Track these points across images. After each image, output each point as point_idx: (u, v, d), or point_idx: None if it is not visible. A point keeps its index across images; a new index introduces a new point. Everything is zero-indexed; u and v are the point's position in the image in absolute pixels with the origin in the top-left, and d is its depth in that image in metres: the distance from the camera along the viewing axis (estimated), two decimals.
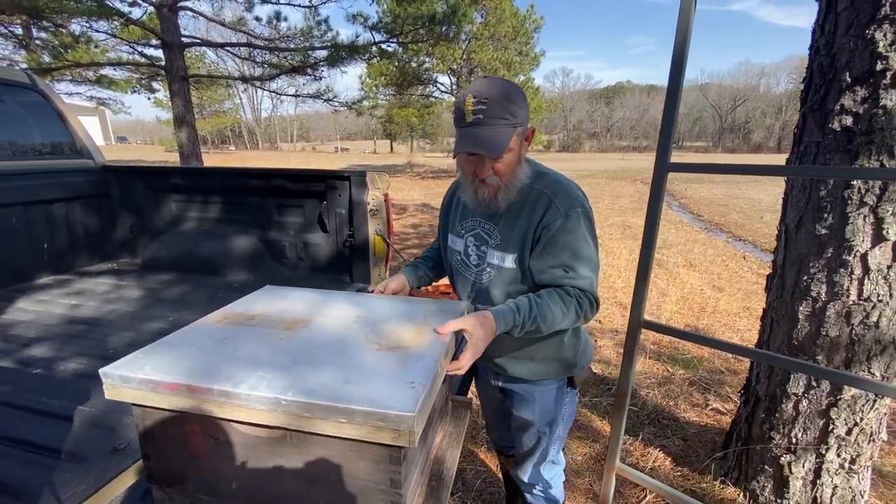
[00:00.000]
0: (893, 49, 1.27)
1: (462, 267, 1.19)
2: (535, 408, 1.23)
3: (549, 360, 1.18)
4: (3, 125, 2.30)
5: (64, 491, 0.90)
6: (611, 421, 1.07)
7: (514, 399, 1.27)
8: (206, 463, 0.79)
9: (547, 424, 1.24)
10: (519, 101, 0.98)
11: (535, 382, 1.21)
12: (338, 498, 0.74)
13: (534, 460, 1.32)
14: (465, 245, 1.17)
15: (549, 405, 1.23)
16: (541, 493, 1.35)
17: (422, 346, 0.84)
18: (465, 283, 1.19)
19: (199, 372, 0.74)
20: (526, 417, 1.25)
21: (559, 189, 1.04)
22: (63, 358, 1.48)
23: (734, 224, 9.63)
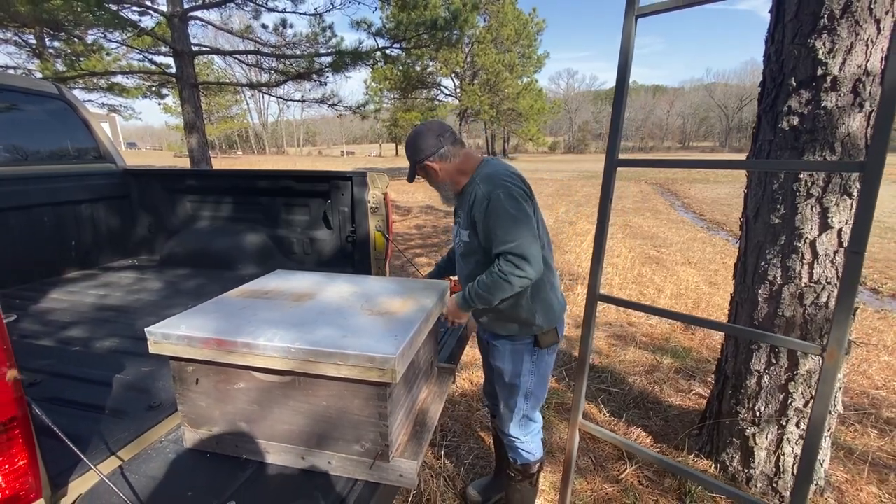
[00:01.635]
0: (832, 56, 1.43)
1: (456, 243, 1.58)
2: (506, 360, 1.47)
3: (508, 319, 1.43)
4: (34, 132, 2.51)
5: (110, 438, 1.07)
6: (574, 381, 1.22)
7: (492, 351, 1.53)
8: (229, 406, 0.97)
9: (516, 376, 1.47)
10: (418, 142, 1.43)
11: (505, 338, 1.47)
12: (337, 431, 0.91)
13: (511, 414, 1.52)
14: (456, 228, 1.58)
15: (517, 359, 1.46)
16: (519, 446, 1.54)
17: (405, 312, 1.02)
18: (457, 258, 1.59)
19: (225, 330, 0.92)
20: (499, 366, 1.50)
21: (485, 179, 1.36)
22: (97, 338, 1.66)
23: (735, 223, 9.71)
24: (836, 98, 1.45)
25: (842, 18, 1.40)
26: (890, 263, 6.67)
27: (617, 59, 1.07)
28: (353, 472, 0.92)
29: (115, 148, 2.86)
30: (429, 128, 1.44)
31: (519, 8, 18.49)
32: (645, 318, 4.04)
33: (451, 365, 1.39)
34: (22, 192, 2.33)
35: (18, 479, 0.81)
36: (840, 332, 0.82)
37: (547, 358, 1.47)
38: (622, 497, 1.90)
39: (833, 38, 1.42)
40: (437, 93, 21.03)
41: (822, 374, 0.84)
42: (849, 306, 0.81)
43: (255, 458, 0.98)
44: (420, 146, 1.42)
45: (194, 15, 7.85)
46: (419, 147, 1.42)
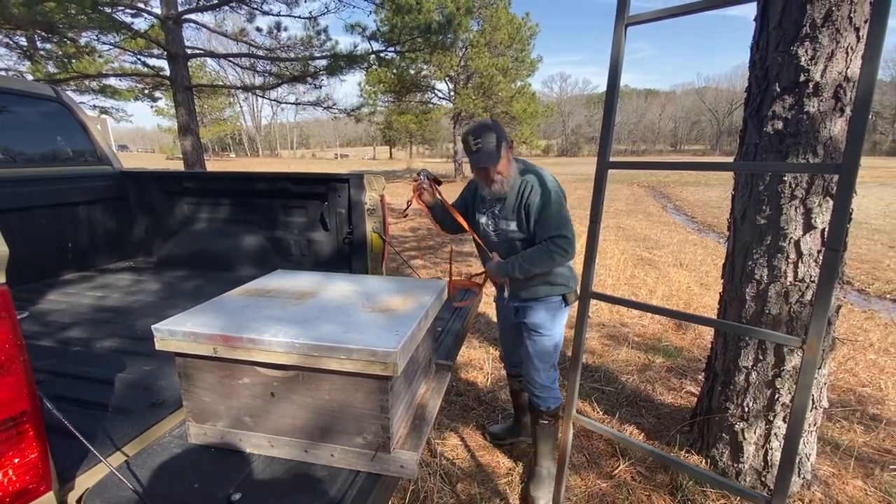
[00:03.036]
0: (813, 63, 1.49)
1: (485, 234, 1.82)
2: (541, 316, 1.77)
3: (545, 283, 1.73)
4: (32, 135, 2.52)
5: (115, 434, 1.09)
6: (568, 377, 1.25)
7: (526, 313, 1.81)
8: (234, 401, 0.99)
9: (550, 329, 1.77)
10: (495, 127, 1.61)
11: (539, 299, 1.76)
12: (340, 424, 0.94)
13: (544, 365, 1.80)
14: (486, 220, 1.80)
15: (551, 314, 1.77)
16: (549, 395, 1.81)
17: (406, 309, 1.05)
18: (489, 242, 1.81)
19: (230, 326, 0.95)
20: (535, 322, 1.77)
21: (538, 176, 1.65)
22: (97, 338, 1.68)
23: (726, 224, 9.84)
24: (818, 103, 1.50)
25: (823, 27, 1.45)
26: (877, 264, 6.79)
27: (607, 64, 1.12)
28: (355, 464, 0.95)
29: (111, 150, 2.87)
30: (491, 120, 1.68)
31: (512, 12, 18.62)
32: (637, 318, 4.09)
33: (449, 362, 1.42)
34: (19, 194, 2.34)
35: (29, 472, 0.83)
36: (818, 326, 0.87)
37: (569, 312, 1.82)
38: (615, 492, 1.94)
39: (815, 46, 1.47)
40: (432, 96, 21.08)
41: (802, 366, 0.88)
42: (826, 301, 0.86)
43: (259, 451, 1.00)
44: (502, 130, 1.61)
45: (188, 18, 7.85)
46: (502, 131, 1.61)
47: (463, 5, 9.67)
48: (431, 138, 35.66)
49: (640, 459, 2.13)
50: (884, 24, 0.80)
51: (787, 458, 0.91)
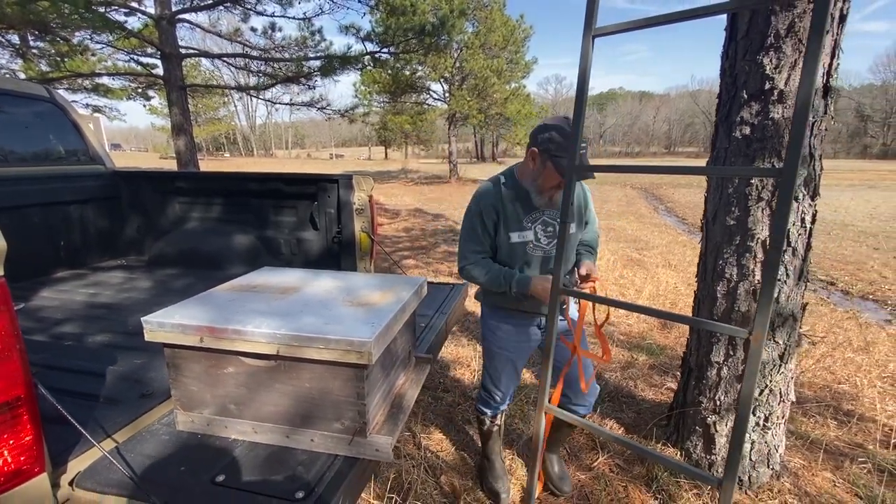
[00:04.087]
0: (778, 71, 1.56)
1: (534, 249, 1.58)
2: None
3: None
4: (25, 134, 2.55)
5: (106, 422, 1.14)
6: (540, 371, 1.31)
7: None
8: (219, 390, 1.05)
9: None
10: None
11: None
12: (319, 411, 1.00)
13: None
14: (535, 233, 1.57)
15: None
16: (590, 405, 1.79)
17: (383, 303, 1.11)
18: (536, 260, 1.59)
19: (216, 318, 1.00)
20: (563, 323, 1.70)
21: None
22: (89, 334, 1.72)
23: None
24: (783, 110, 1.58)
25: (786, 37, 1.53)
26: (861, 266, 6.93)
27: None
28: (334, 448, 1.01)
29: (104, 150, 2.91)
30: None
31: (507, 14, 18.74)
32: (624, 317, 4.17)
33: (429, 356, 1.48)
34: (12, 193, 2.37)
35: (24, 454, 0.88)
36: (763, 319, 0.94)
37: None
38: (594, 483, 2.01)
39: (779, 55, 1.55)
40: (427, 97, 21.14)
41: (748, 355, 0.95)
42: (769, 297, 0.93)
43: (243, 437, 1.06)
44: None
45: (182, 18, 7.86)
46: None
47: (456, 7, 9.75)
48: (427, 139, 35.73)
49: (619, 452, 2.20)
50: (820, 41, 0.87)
51: (736, 440, 0.98)
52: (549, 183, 1.49)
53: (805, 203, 1.65)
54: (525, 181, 1.56)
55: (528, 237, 1.56)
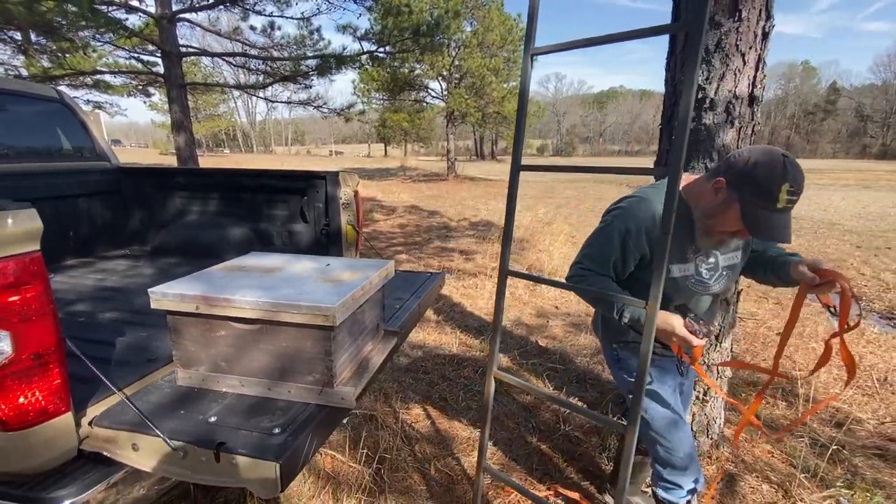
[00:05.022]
0: (708, 82, 1.77)
1: (696, 286, 1.35)
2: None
3: None
4: (37, 133, 2.76)
5: (118, 380, 1.35)
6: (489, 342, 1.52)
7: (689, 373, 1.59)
8: (212, 350, 1.26)
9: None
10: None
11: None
12: (295, 366, 1.21)
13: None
14: (696, 267, 1.34)
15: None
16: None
17: (351, 279, 1.32)
18: (695, 296, 1.37)
19: (209, 290, 1.21)
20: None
21: None
22: (100, 312, 1.93)
23: None
24: (713, 116, 1.79)
25: (715, 52, 1.73)
26: (841, 263, 7.13)
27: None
28: (307, 397, 1.22)
29: (109, 147, 3.12)
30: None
31: (506, 12, 18.89)
32: None
33: (396, 329, 1.69)
34: (25, 188, 2.58)
35: (53, 395, 1.09)
36: (656, 290, 1.14)
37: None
38: (552, 452, 2.22)
39: (709, 68, 1.76)
40: (425, 95, 21.33)
41: (645, 322, 1.16)
42: (661, 271, 1.13)
43: (232, 390, 1.27)
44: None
45: (183, 17, 8.05)
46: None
47: (451, 8, 9.93)
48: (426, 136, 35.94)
49: (579, 426, 2.42)
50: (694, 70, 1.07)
51: (637, 395, 1.19)
52: (725, 227, 1.23)
53: None
54: (695, 208, 1.29)
55: (688, 271, 1.32)
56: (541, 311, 4.22)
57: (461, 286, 4.83)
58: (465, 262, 5.86)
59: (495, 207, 11.30)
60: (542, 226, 8.69)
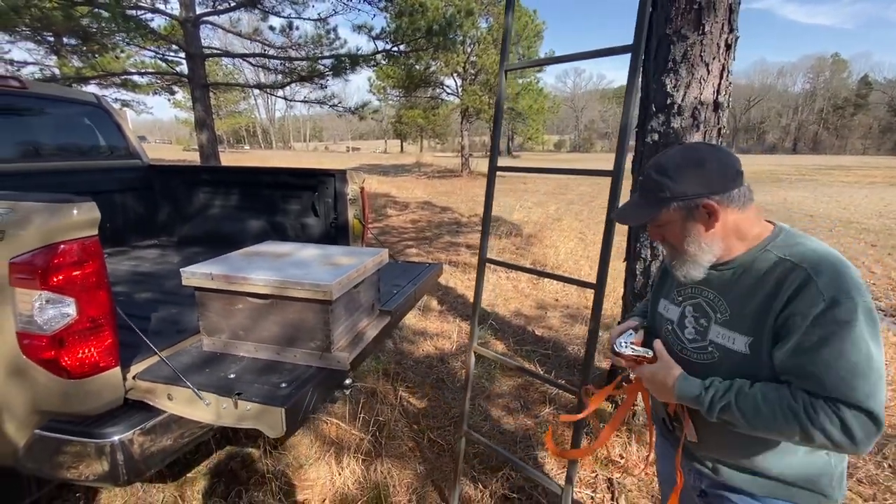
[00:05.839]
0: (676, 90, 1.94)
1: (673, 339, 1.01)
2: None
3: (791, 479, 0.91)
4: (77, 134, 3.07)
5: (155, 343, 1.61)
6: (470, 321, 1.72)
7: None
8: (232, 321, 1.51)
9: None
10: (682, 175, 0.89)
11: (759, 499, 0.94)
12: (299, 335, 1.45)
13: None
14: (682, 314, 1.00)
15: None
16: None
17: (348, 263, 1.55)
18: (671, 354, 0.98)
19: (230, 270, 1.46)
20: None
21: (822, 263, 0.81)
22: (135, 292, 2.21)
23: None
24: (681, 121, 1.96)
25: (681, 63, 1.90)
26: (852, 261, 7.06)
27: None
28: (309, 360, 1.46)
29: (141, 146, 3.42)
30: (723, 153, 0.92)
31: (523, 7, 18.90)
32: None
33: (390, 310, 1.91)
34: (67, 184, 2.88)
35: (105, 352, 1.35)
36: (602, 274, 1.34)
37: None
38: (537, 427, 2.43)
39: (677, 77, 1.93)
40: (441, 91, 21.50)
41: (593, 303, 1.36)
42: (607, 256, 1.33)
43: (248, 354, 1.52)
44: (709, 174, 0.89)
45: (206, 20, 8.41)
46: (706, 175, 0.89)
47: (464, 7, 10.09)
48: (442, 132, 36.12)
49: (563, 405, 2.62)
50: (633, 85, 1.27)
51: (587, 360, 1.40)
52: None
53: None
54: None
55: (671, 314, 1.04)
56: (541, 303, 4.41)
57: (466, 279, 5.04)
58: (471, 257, 6.07)
59: (506, 204, 11.46)
60: (552, 222, 8.84)
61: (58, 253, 1.23)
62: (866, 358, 0.77)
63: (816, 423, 0.77)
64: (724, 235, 0.91)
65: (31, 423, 1.34)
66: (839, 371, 0.77)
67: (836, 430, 0.76)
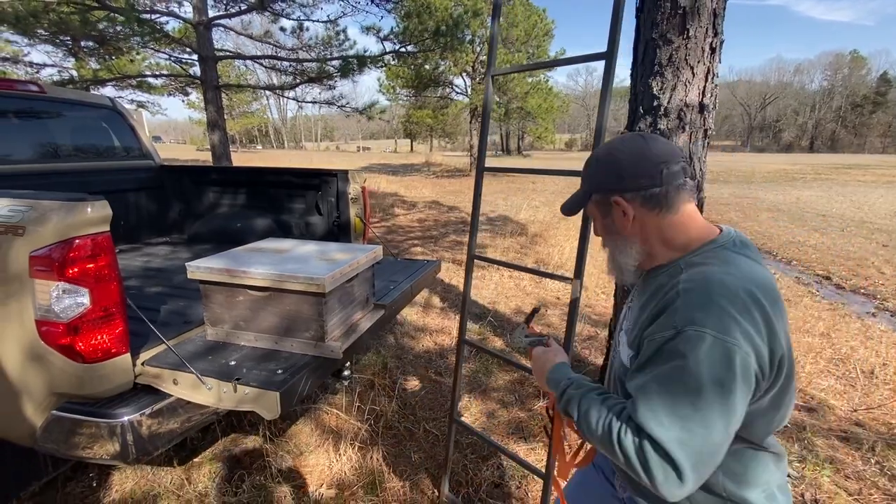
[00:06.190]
0: (662, 92, 2.00)
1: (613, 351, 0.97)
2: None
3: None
4: (93, 136, 3.21)
5: (163, 333, 1.72)
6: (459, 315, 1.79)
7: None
8: (233, 312, 1.61)
9: None
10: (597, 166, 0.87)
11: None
12: (296, 325, 1.54)
13: None
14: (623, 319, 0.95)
15: None
16: None
17: (342, 259, 1.64)
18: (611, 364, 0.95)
19: (232, 264, 1.56)
20: None
21: (697, 290, 0.73)
22: (146, 286, 2.33)
23: (728, 222, 10.08)
24: (667, 122, 2.01)
25: (667, 66, 1.96)
26: (862, 262, 7.03)
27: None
28: (305, 349, 1.55)
29: (153, 147, 3.56)
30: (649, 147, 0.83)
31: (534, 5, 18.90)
32: (604, 299, 4.59)
33: (384, 303, 2.00)
34: (84, 183, 3.03)
35: (116, 339, 1.46)
36: (580, 267, 1.41)
37: None
38: (529, 420, 2.50)
39: (663, 80, 1.98)
40: (450, 91, 21.58)
41: (571, 296, 1.43)
42: (584, 251, 1.40)
43: (248, 344, 1.62)
44: (619, 168, 0.84)
45: (218, 23, 8.59)
46: (622, 166, 0.83)
47: (471, 8, 10.16)
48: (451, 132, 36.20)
49: None
50: (607, 96, 1.33)
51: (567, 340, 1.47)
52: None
53: None
54: None
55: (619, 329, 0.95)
56: (541, 300, 4.47)
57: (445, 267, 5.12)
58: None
59: (513, 203, 11.50)
60: (558, 221, 8.87)
61: (73, 247, 1.33)
62: (692, 399, 0.66)
63: (623, 446, 0.70)
64: (645, 239, 0.84)
65: (49, 405, 1.45)
66: (654, 401, 0.69)
67: (637, 462, 0.68)
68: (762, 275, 0.75)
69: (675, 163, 0.81)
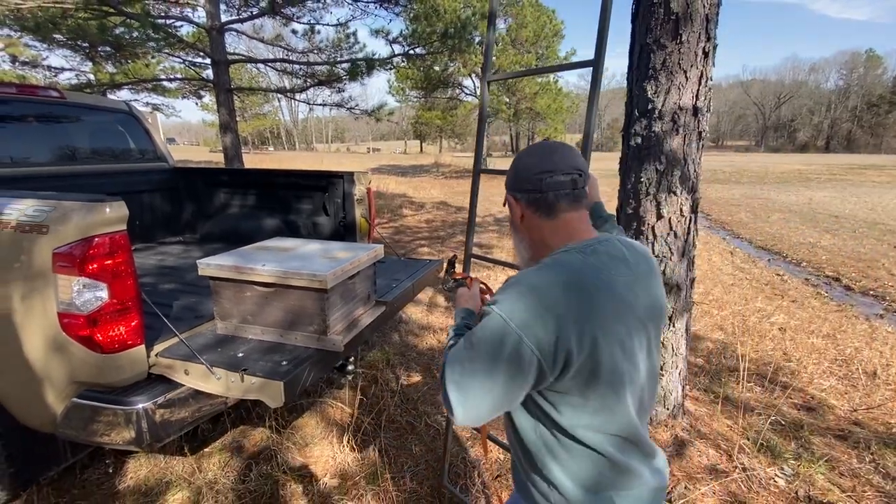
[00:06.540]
0: (657, 96, 2.05)
1: None
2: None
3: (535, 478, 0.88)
4: (110, 139, 3.34)
5: (176, 327, 1.82)
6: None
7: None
8: (241, 307, 1.70)
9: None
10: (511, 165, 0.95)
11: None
12: (300, 320, 1.63)
13: None
14: None
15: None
16: None
17: (344, 257, 1.72)
18: None
19: (240, 261, 1.65)
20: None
21: (515, 278, 0.84)
22: (160, 283, 2.44)
23: (738, 223, 10.01)
24: (661, 125, 2.06)
25: (661, 70, 2.01)
26: (872, 263, 6.95)
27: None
28: (308, 342, 1.63)
29: (168, 150, 3.69)
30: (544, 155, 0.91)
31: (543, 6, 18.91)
32: None
33: (385, 300, 2.08)
34: (101, 184, 3.15)
35: (132, 331, 1.55)
36: None
37: None
38: None
39: (657, 84, 2.03)
40: (459, 92, 21.67)
41: None
42: None
43: (255, 337, 1.70)
44: (519, 169, 0.93)
45: (230, 27, 8.77)
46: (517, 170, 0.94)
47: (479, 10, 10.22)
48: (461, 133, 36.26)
49: None
50: (594, 95, 1.39)
51: None
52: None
53: (682, 196, 2.13)
54: None
55: None
56: None
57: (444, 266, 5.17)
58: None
59: None
60: None
61: (93, 245, 1.43)
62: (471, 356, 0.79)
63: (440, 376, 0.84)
64: (532, 240, 0.93)
65: (69, 393, 1.55)
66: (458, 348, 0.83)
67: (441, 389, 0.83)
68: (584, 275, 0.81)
69: (563, 173, 0.87)
